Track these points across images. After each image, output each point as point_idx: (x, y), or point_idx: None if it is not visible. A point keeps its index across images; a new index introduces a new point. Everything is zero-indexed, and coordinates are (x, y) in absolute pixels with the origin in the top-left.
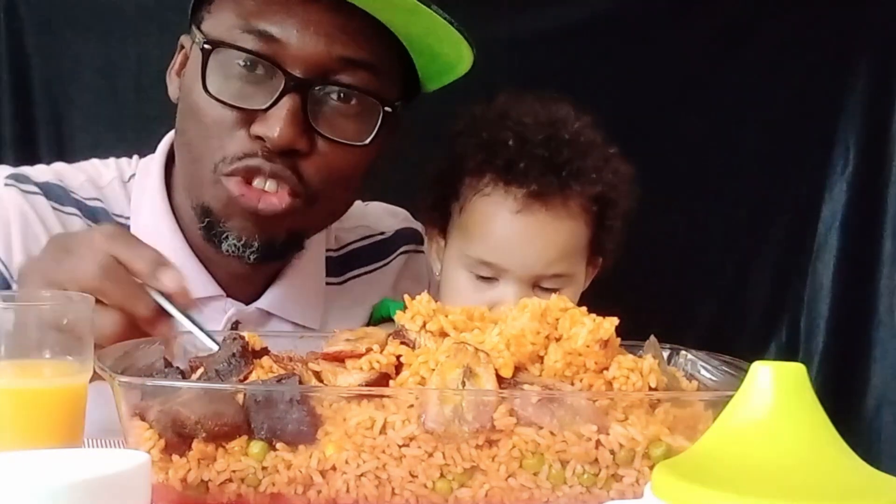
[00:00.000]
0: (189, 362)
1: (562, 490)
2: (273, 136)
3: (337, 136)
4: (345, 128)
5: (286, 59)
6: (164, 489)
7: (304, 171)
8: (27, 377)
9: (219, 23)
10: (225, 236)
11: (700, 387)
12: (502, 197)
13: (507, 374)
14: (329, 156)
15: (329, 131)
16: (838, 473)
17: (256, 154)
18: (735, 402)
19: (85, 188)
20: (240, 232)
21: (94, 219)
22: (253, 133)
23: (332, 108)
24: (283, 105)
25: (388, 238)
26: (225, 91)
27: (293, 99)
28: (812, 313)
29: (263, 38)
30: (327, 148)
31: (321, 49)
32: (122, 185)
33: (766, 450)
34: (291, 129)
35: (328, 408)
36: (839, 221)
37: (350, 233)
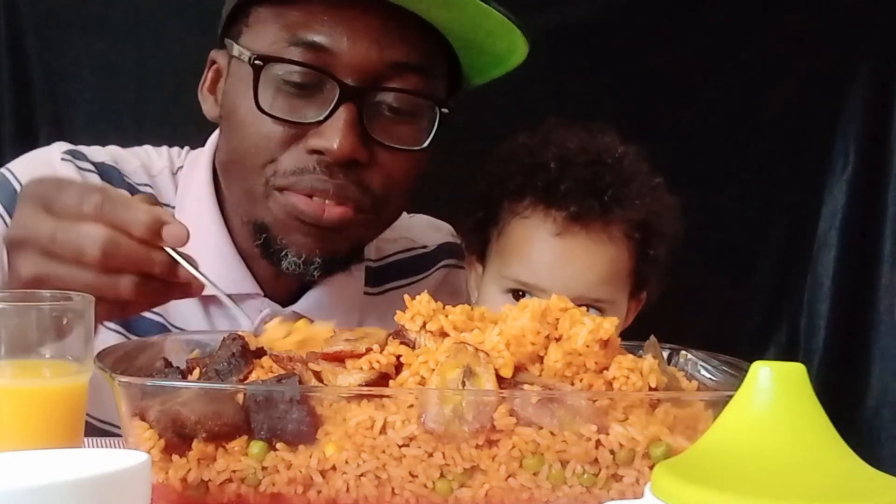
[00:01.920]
0: (187, 362)
1: (562, 490)
2: (333, 148)
3: (395, 143)
4: (401, 133)
5: (338, 68)
6: (164, 489)
7: (367, 182)
8: (27, 377)
9: (260, 37)
10: (284, 254)
11: (700, 387)
12: (542, 220)
13: (507, 374)
14: (389, 164)
15: (386, 138)
16: (838, 473)
17: (313, 170)
18: (735, 402)
19: (138, 173)
20: (299, 248)
21: None
22: (310, 147)
23: (387, 115)
24: (339, 116)
25: (430, 252)
26: (276, 106)
27: (349, 109)
28: (812, 313)
29: (313, 49)
30: (386, 156)
31: (373, 55)
32: (171, 175)
33: (766, 450)
34: (351, 139)
35: (328, 408)
36: (839, 221)
37: (392, 244)
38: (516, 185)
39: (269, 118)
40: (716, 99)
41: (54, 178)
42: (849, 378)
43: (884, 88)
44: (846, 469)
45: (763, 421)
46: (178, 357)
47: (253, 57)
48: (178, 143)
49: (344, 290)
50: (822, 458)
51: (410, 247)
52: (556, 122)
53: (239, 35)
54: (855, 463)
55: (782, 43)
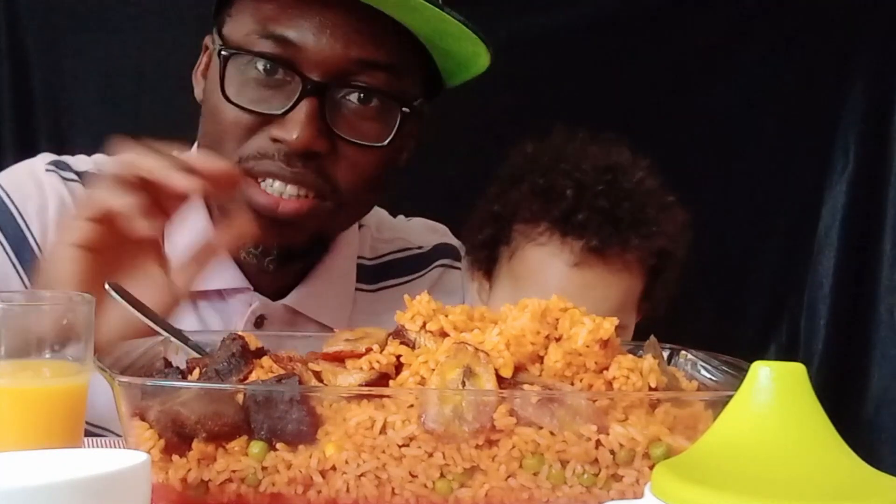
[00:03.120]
0: (187, 363)
1: (562, 490)
2: (291, 139)
3: (356, 138)
4: (364, 129)
5: (303, 63)
6: (164, 489)
7: (329, 171)
8: (27, 377)
9: (238, 27)
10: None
11: (700, 387)
12: (558, 248)
13: (507, 374)
14: (350, 158)
15: (348, 133)
16: (838, 473)
17: (273, 156)
18: (735, 402)
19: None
20: (257, 240)
21: None
22: (271, 136)
23: (351, 110)
24: (300, 108)
25: (425, 252)
26: (243, 95)
27: (311, 102)
28: (812, 313)
29: (281, 42)
30: (347, 150)
31: (338, 52)
32: None
33: (766, 450)
34: (309, 131)
35: (328, 408)
36: (839, 221)
37: (388, 244)
38: (532, 212)
39: (236, 107)
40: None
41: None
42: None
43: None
44: (846, 469)
45: (763, 421)
46: (178, 357)
47: (220, 48)
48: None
49: (335, 284)
50: (822, 458)
51: (406, 247)
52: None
53: (223, 24)
54: (855, 463)
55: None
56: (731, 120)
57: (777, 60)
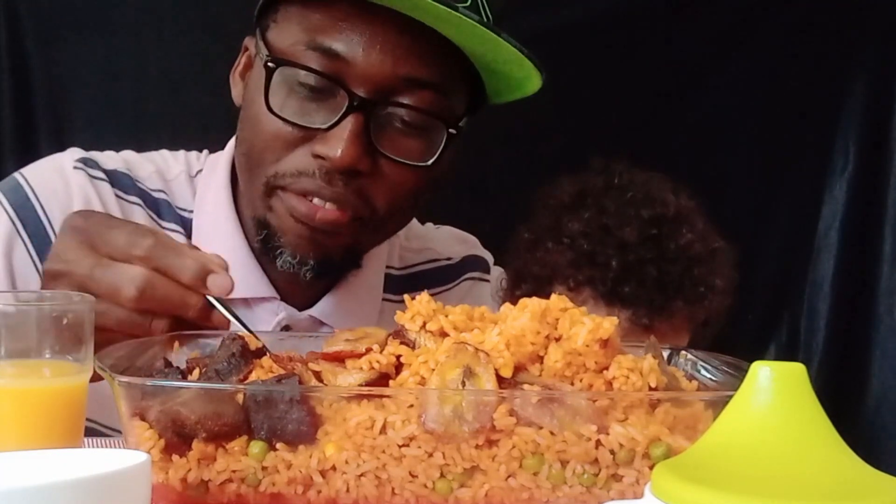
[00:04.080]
0: (187, 363)
1: (562, 490)
2: (335, 156)
3: (400, 157)
4: (408, 148)
5: (351, 77)
6: (164, 489)
7: (368, 192)
8: (27, 377)
9: (284, 35)
10: (280, 252)
11: (700, 387)
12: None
13: (507, 374)
14: (391, 176)
15: (392, 151)
16: (838, 473)
17: (313, 174)
18: (735, 402)
19: (152, 179)
20: (294, 249)
21: (157, 210)
22: (314, 152)
23: (396, 128)
24: (345, 125)
25: (454, 264)
26: (287, 108)
27: (356, 119)
28: (812, 313)
29: (328, 55)
30: (389, 168)
31: (387, 68)
32: (189, 179)
33: (766, 450)
34: (354, 149)
35: (328, 408)
36: (839, 221)
37: (417, 255)
38: (576, 281)
39: (279, 119)
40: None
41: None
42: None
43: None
44: (846, 469)
45: (763, 421)
46: (179, 357)
47: (267, 59)
48: (178, 145)
49: (362, 295)
50: (822, 458)
51: (435, 258)
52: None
53: (267, 28)
54: (855, 463)
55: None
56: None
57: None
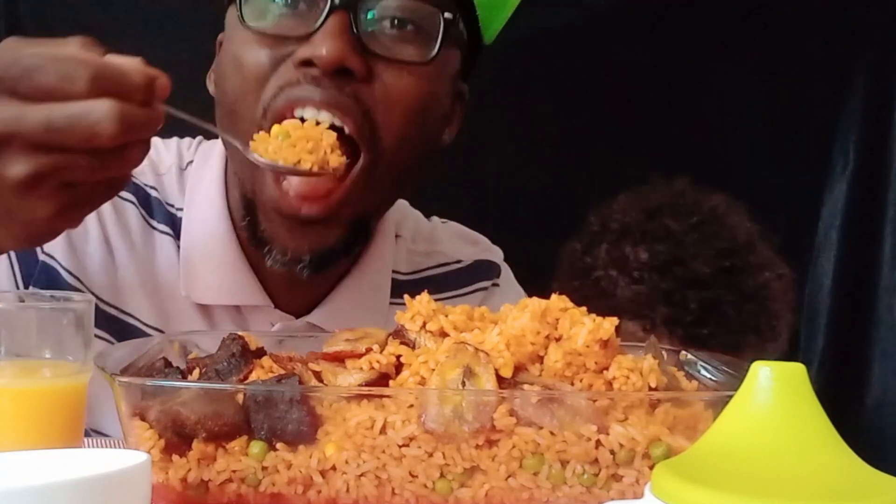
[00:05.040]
0: (187, 363)
1: (562, 490)
2: (321, 54)
3: (396, 56)
4: (402, 50)
5: None
6: (164, 489)
7: (364, 97)
8: (27, 377)
9: None
10: (268, 249)
11: (700, 387)
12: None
13: (507, 374)
14: (389, 82)
15: (385, 52)
16: (838, 473)
17: (299, 82)
18: (735, 402)
19: (145, 173)
20: (284, 244)
21: (149, 209)
22: (298, 58)
23: (387, 30)
24: (329, 23)
25: (465, 267)
26: (263, 22)
27: (340, 16)
28: (812, 313)
29: None
30: (387, 72)
31: None
32: (180, 172)
33: (766, 450)
34: (341, 43)
35: (328, 408)
36: (839, 221)
37: (426, 258)
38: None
39: (255, 40)
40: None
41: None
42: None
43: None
44: (846, 469)
45: (763, 421)
46: (179, 357)
47: None
48: None
49: (366, 298)
50: (822, 458)
51: (444, 262)
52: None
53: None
54: (855, 463)
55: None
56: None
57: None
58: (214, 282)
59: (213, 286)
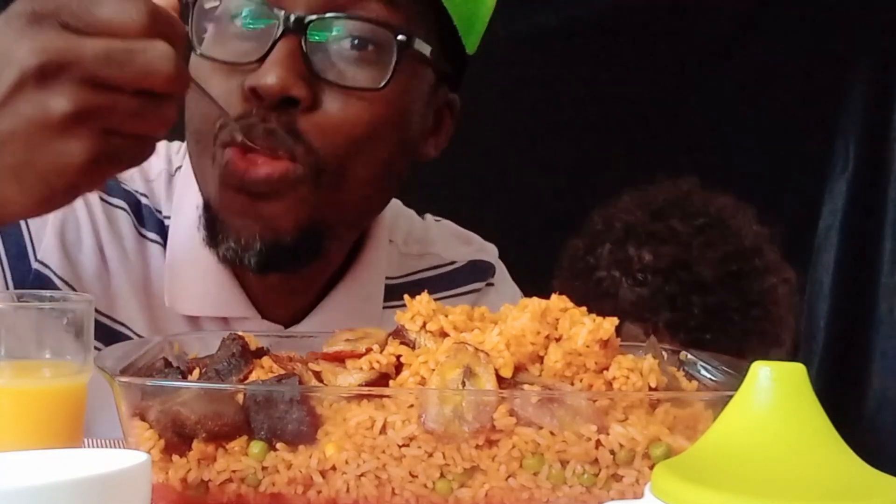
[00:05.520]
0: (187, 363)
1: (562, 490)
2: (265, 83)
3: (346, 82)
4: (357, 75)
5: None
6: (164, 489)
7: (306, 130)
8: (27, 377)
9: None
10: (222, 237)
11: (700, 387)
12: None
13: (507, 374)
14: (336, 111)
15: (338, 78)
16: (838, 473)
17: (250, 114)
18: (735, 402)
19: (135, 179)
20: (238, 230)
21: (140, 216)
22: (246, 87)
23: (343, 55)
24: (279, 48)
25: (459, 268)
26: (216, 52)
27: (289, 41)
28: (812, 313)
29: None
30: (335, 100)
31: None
32: (169, 178)
33: (766, 450)
34: (286, 72)
35: (328, 408)
36: (839, 221)
37: (419, 260)
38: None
39: (211, 67)
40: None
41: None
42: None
43: (884, 88)
44: (846, 469)
45: (763, 421)
46: (178, 357)
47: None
48: None
49: (357, 309)
50: (822, 458)
51: (438, 263)
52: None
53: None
54: (855, 463)
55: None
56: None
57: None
58: (198, 293)
59: (196, 297)
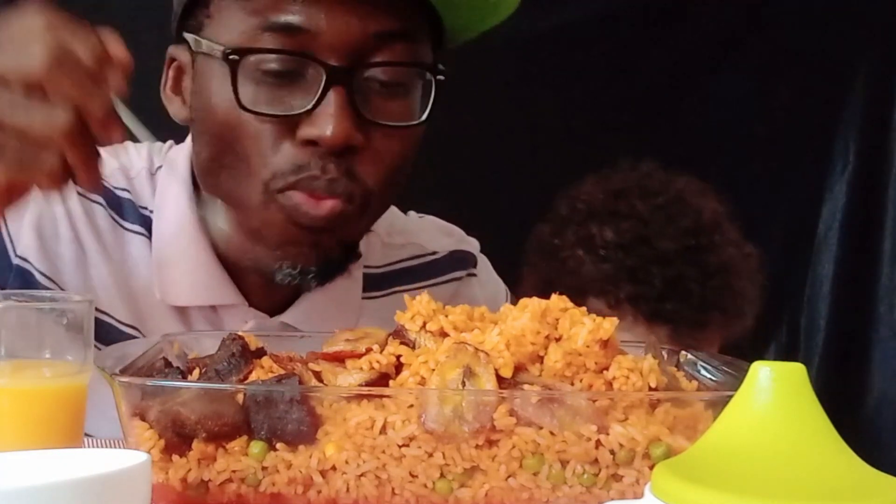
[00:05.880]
0: (187, 363)
1: (562, 490)
2: (327, 135)
3: (390, 121)
4: (395, 111)
5: (320, 49)
6: (164, 489)
7: (359, 170)
8: (27, 377)
9: (227, 27)
10: (278, 266)
11: (700, 387)
12: (644, 336)
13: (507, 374)
14: (383, 147)
15: (381, 117)
16: (838, 473)
17: (309, 166)
18: (735, 402)
19: (115, 176)
20: (294, 259)
21: (120, 210)
22: (302, 138)
23: (377, 93)
24: (329, 100)
25: (440, 258)
26: (259, 101)
27: (339, 91)
28: (812, 313)
29: (289, 31)
30: (381, 138)
31: (354, 29)
32: (150, 176)
33: (766, 450)
34: (345, 122)
35: (328, 408)
36: (839, 221)
37: (400, 250)
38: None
39: (253, 116)
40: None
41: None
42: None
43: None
44: (846, 469)
45: (763, 421)
46: (178, 357)
47: (227, 51)
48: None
49: (338, 296)
50: (822, 458)
51: (419, 253)
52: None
53: (200, 28)
54: (855, 463)
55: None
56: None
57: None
58: (188, 283)
59: (186, 287)
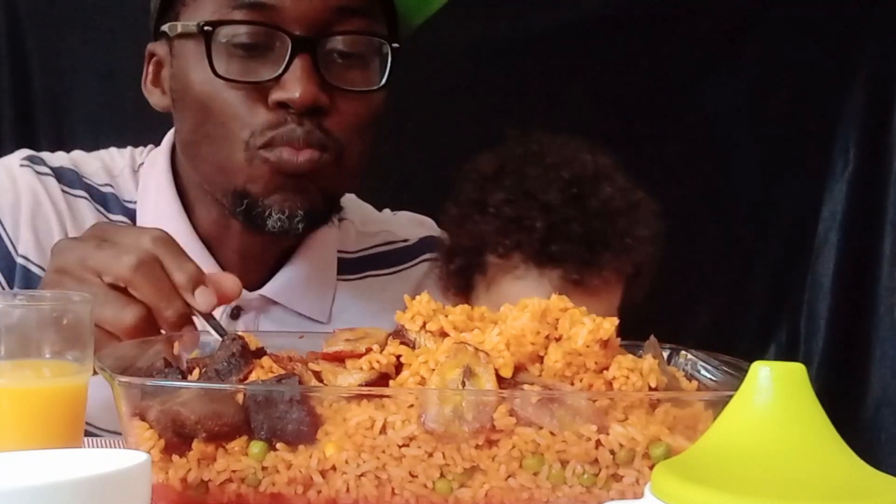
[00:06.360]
0: (187, 363)
1: (562, 490)
2: (296, 97)
3: (352, 86)
4: (355, 78)
5: (286, 22)
6: (164, 489)
7: (329, 127)
8: (27, 377)
9: (201, 9)
10: (268, 213)
11: (700, 387)
12: (537, 281)
13: (507, 374)
14: (347, 109)
15: (344, 83)
16: (838, 473)
17: (286, 122)
18: (735, 402)
19: (98, 174)
20: (282, 205)
21: (104, 203)
22: (273, 101)
23: (338, 63)
24: (296, 66)
25: (411, 245)
26: (231, 71)
27: (304, 58)
28: (812, 313)
29: (257, 7)
30: (344, 101)
31: (316, 4)
32: (133, 172)
33: (766, 450)
34: (311, 85)
35: (328, 408)
36: (839, 221)
37: (373, 237)
38: (504, 247)
39: (228, 84)
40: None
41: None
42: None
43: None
44: (846, 469)
45: (763, 421)
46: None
47: (202, 24)
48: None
49: (314, 273)
50: (822, 458)
51: (392, 240)
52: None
53: (178, 17)
54: (855, 463)
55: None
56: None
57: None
58: None
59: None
